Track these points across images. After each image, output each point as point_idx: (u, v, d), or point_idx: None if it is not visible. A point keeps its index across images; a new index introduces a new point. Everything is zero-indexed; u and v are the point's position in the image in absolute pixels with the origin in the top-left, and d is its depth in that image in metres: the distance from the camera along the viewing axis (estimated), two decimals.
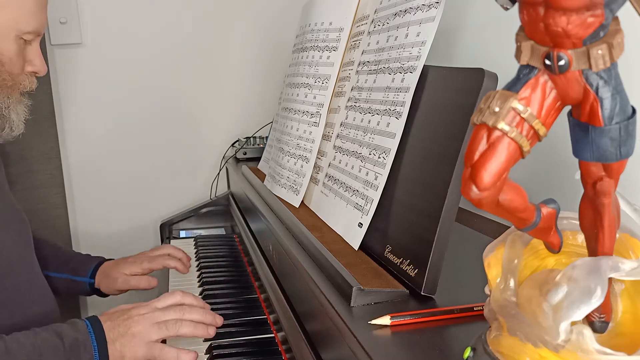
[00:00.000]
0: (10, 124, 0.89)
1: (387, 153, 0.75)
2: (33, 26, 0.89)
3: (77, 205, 1.56)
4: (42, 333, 0.78)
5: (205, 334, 0.85)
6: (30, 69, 0.92)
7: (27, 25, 0.88)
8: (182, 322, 0.83)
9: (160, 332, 0.82)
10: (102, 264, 1.14)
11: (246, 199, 1.22)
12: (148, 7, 1.52)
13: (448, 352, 0.52)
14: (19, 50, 0.88)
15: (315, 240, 0.77)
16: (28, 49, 0.91)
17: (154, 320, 0.83)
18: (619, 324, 0.45)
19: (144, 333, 0.81)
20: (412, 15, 0.77)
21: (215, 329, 0.86)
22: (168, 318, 0.83)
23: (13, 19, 0.86)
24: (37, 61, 0.92)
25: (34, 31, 0.89)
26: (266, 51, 1.61)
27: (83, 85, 1.51)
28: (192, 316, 0.85)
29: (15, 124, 0.90)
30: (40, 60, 0.93)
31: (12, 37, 0.87)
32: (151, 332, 0.81)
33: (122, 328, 0.81)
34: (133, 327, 0.81)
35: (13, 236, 0.90)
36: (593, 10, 0.33)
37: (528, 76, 0.38)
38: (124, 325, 0.81)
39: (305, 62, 1.08)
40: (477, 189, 0.38)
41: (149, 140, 1.58)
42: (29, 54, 0.91)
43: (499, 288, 0.46)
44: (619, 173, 0.39)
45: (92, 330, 0.80)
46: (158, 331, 0.82)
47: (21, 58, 0.90)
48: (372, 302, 0.62)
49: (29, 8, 0.87)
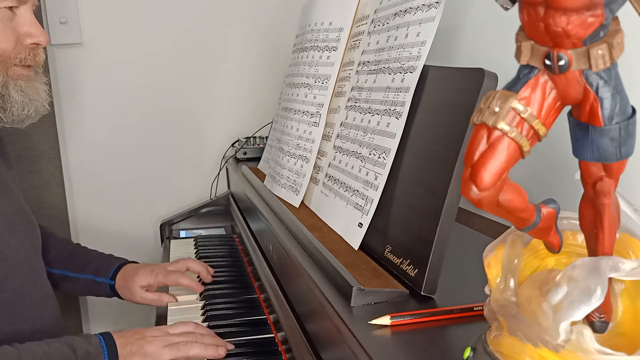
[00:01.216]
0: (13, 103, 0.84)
1: (387, 153, 0.75)
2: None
3: (77, 205, 1.56)
4: (55, 343, 0.78)
5: (216, 354, 0.85)
6: (29, 40, 0.86)
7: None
8: (193, 344, 0.84)
9: (171, 353, 0.83)
10: (124, 266, 1.12)
11: (246, 199, 1.22)
12: (148, 7, 1.52)
13: (448, 352, 0.52)
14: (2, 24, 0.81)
15: (315, 240, 0.77)
16: (18, 21, 0.84)
17: (166, 342, 0.84)
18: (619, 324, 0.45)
19: (156, 353, 0.82)
20: (412, 15, 0.77)
21: (225, 350, 0.87)
22: (179, 343, 0.84)
23: None
24: (34, 30, 0.85)
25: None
26: (266, 51, 1.61)
27: (83, 85, 1.51)
28: (204, 340, 0.86)
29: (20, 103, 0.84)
30: (37, 29, 0.85)
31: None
32: (163, 353, 0.82)
33: (135, 347, 0.82)
34: (146, 347, 0.82)
35: (20, 238, 0.89)
36: (593, 10, 0.33)
37: (528, 76, 0.38)
38: (137, 344, 0.82)
39: (305, 62, 1.08)
40: (477, 189, 0.38)
41: (149, 140, 1.58)
42: (21, 26, 0.84)
43: (499, 288, 0.46)
44: (619, 173, 0.39)
45: (105, 345, 0.81)
46: (169, 352, 0.83)
47: (10, 30, 0.83)
48: (372, 302, 0.62)
49: None
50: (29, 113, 0.86)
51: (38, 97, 0.88)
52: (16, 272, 0.88)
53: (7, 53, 0.83)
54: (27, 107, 0.86)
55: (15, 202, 0.92)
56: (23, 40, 0.86)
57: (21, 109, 0.85)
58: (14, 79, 0.85)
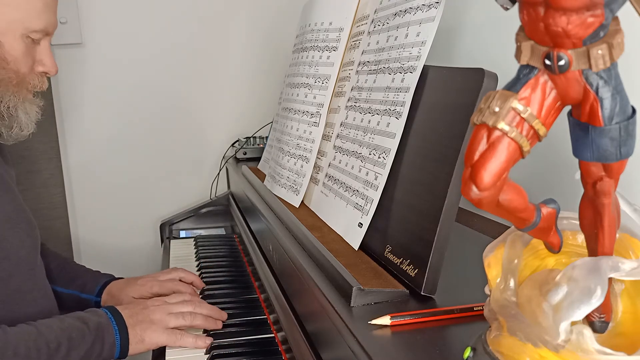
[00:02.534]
0: (19, 123, 0.89)
1: (387, 153, 0.75)
2: (40, 25, 0.88)
3: (77, 205, 1.56)
4: (67, 319, 0.83)
5: (215, 326, 0.93)
6: (40, 69, 0.92)
7: (34, 23, 0.87)
8: (196, 315, 0.91)
9: (177, 321, 0.89)
10: (110, 283, 1.11)
11: (246, 199, 1.22)
12: (148, 7, 1.52)
13: (448, 352, 0.52)
14: (26, 49, 0.88)
15: (315, 240, 0.77)
16: (37, 49, 0.91)
17: (170, 310, 0.90)
18: (619, 324, 0.45)
19: (163, 320, 0.88)
20: (412, 15, 0.77)
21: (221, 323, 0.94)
22: (183, 310, 0.91)
23: (19, 17, 0.86)
24: (47, 61, 0.92)
25: (41, 30, 0.89)
26: (266, 51, 1.61)
27: (83, 85, 1.51)
28: (202, 310, 0.93)
29: (24, 123, 0.90)
30: (50, 60, 0.93)
31: (19, 35, 0.86)
32: (169, 320, 0.88)
33: (141, 316, 0.88)
34: (152, 315, 0.88)
35: (22, 236, 0.90)
36: (593, 10, 0.33)
37: (528, 76, 0.38)
38: (143, 314, 0.88)
39: (305, 62, 1.08)
40: (477, 189, 0.38)
41: (149, 140, 1.58)
42: (38, 54, 0.91)
43: (499, 288, 0.46)
44: (619, 173, 0.39)
45: (112, 317, 0.86)
46: (175, 320, 0.89)
47: (29, 57, 0.89)
48: (372, 302, 0.62)
49: (35, 7, 0.87)
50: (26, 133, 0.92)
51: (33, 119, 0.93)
52: (19, 270, 0.89)
53: (23, 77, 0.89)
54: (26, 128, 0.91)
55: (15, 201, 0.93)
56: (35, 67, 0.92)
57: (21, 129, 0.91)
58: (22, 102, 0.90)
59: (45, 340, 0.78)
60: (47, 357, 0.77)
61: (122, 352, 0.85)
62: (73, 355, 0.80)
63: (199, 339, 0.89)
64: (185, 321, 0.89)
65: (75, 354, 0.80)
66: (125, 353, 0.85)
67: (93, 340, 0.82)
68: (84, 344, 0.81)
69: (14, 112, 0.88)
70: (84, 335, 0.82)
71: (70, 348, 0.80)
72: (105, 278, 1.12)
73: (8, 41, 0.86)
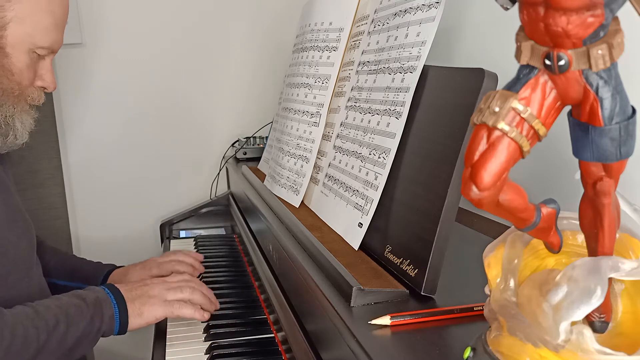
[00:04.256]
0: (14, 132, 0.92)
1: (387, 153, 0.75)
2: (47, 42, 0.92)
3: (77, 205, 1.56)
4: (63, 297, 0.85)
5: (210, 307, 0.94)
6: (40, 83, 0.95)
7: (42, 40, 0.91)
8: (195, 290, 0.93)
9: (176, 295, 0.91)
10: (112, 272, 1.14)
11: (246, 199, 1.22)
12: (148, 8, 1.52)
13: (448, 352, 0.52)
14: (30, 63, 0.91)
15: (315, 240, 0.77)
16: (40, 64, 0.94)
17: (168, 286, 0.92)
18: (619, 324, 0.45)
19: (161, 294, 0.90)
20: (412, 15, 0.77)
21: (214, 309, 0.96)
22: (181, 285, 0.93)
23: (29, 33, 0.89)
24: (47, 77, 0.95)
25: (47, 47, 0.92)
26: (266, 51, 1.61)
27: (83, 85, 1.52)
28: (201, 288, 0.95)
29: (19, 132, 0.92)
30: (50, 76, 0.96)
31: (25, 50, 0.90)
32: (167, 294, 0.90)
33: (139, 291, 0.90)
34: (150, 290, 0.90)
35: (18, 234, 0.92)
36: (593, 10, 0.33)
37: (528, 76, 0.38)
38: (141, 289, 0.90)
39: (305, 62, 1.08)
40: (477, 189, 0.38)
41: (149, 140, 1.58)
42: (40, 69, 0.94)
43: (499, 288, 0.46)
44: (619, 173, 0.39)
45: (110, 292, 0.88)
46: (174, 293, 0.91)
47: (32, 71, 0.92)
48: (372, 302, 0.62)
49: (46, 25, 0.91)
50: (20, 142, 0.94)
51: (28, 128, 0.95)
52: (16, 267, 0.90)
53: (24, 89, 0.92)
54: (21, 137, 0.93)
55: (13, 199, 0.94)
56: (36, 81, 0.95)
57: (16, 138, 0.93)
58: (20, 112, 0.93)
59: (44, 318, 0.79)
60: (46, 335, 0.78)
61: (122, 326, 0.86)
62: (72, 331, 0.81)
63: (197, 310, 0.90)
64: (184, 294, 0.91)
65: (74, 329, 0.81)
66: (124, 327, 0.86)
67: (92, 315, 0.83)
68: (82, 320, 0.82)
69: (11, 122, 0.91)
70: (82, 311, 0.82)
71: (69, 324, 0.80)
72: (107, 268, 1.15)
73: (16, 54, 0.89)
